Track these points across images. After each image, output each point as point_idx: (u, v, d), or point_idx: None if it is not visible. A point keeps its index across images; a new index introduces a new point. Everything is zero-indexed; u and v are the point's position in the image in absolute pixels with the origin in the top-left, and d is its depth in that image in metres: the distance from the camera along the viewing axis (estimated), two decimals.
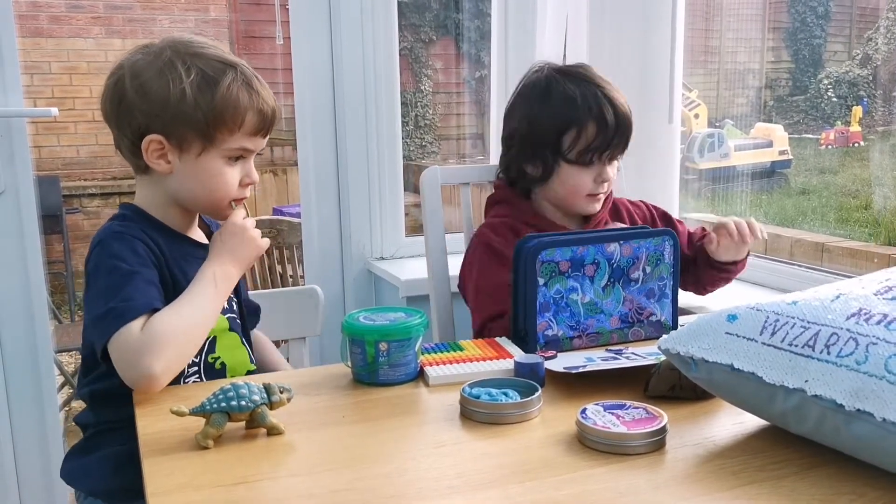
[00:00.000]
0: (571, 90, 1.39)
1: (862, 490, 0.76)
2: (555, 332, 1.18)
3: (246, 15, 5.57)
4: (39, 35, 5.19)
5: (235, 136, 1.12)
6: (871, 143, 3.13)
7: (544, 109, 1.41)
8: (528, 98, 1.44)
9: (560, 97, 1.39)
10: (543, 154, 1.42)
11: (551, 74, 1.43)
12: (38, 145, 5.13)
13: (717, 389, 0.91)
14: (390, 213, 2.14)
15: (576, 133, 1.38)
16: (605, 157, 1.41)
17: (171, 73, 1.09)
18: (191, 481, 0.80)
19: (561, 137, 1.39)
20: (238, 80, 1.11)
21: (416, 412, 1.00)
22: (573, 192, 1.43)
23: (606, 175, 1.42)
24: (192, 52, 1.11)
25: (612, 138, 1.39)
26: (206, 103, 1.09)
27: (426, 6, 5.23)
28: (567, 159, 1.40)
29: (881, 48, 3.35)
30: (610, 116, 1.37)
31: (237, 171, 1.15)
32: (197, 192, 1.14)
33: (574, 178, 1.41)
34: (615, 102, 1.39)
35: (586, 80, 1.41)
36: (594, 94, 1.39)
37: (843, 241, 2.15)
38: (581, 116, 1.38)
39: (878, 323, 0.79)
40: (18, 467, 1.86)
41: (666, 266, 1.24)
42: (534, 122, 1.42)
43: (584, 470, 0.81)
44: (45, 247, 1.90)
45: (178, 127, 1.10)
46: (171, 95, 1.08)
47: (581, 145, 1.39)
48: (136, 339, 0.99)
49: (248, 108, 1.11)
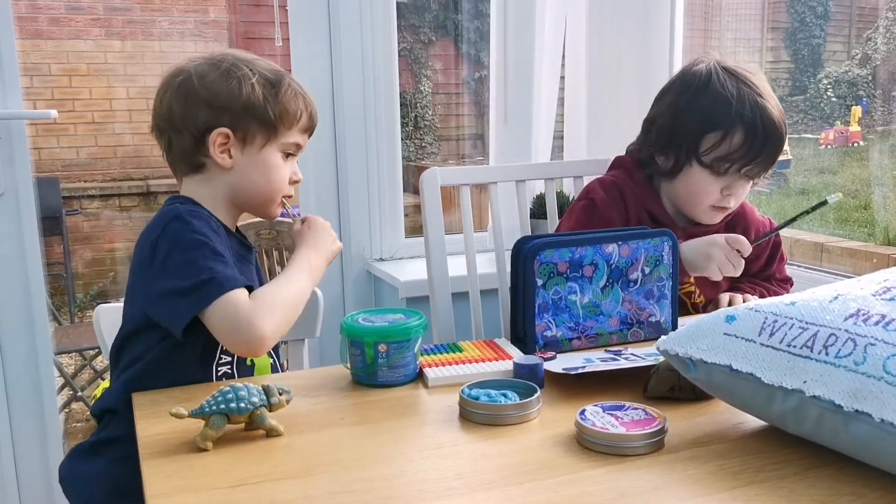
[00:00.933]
0: (729, 90, 1.30)
1: (861, 491, 0.76)
2: (553, 334, 1.18)
3: (245, 16, 5.57)
4: (39, 37, 5.19)
5: (293, 132, 1.21)
6: (870, 143, 3.13)
7: (694, 103, 1.33)
8: (682, 87, 1.36)
9: (714, 95, 1.31)
10: (678, 148, 1.35)
11: (715, 69, 1.34)
12: (38, 147, 5.12)
13: (716, 390, 0.91)
14: (390, 215, 2.15)
15: (720, 136, 1.31)
16: (744, 171, 1.33)
17: (239, 73, 1.18)
18: (190, 483, 0.80)
19: (703, 137, 1.32)
20: (294, 84, 1.22)
21: (416, 413, 1.00)
22: (695, 196, 1.36)
23: (737, 190, 1.34)
24: (247, 59, 1.21)
25: (757, 152, 1.30)
26: (273, 99, 1.18)
27: (425, 7, 5.23)
28: (701, 161, 1.33)
29: (880, 48, 3.35)
30: (762, 127, 1.29)
31: (288, 168, 1.23)
32: (259, 184, 1.20)
33: (701, 183, 1.34)
34: (771, 113, 1.30)
35: (748, 85, 1.31)
36: (753, 100, 1.30)
37: (843, 241, 2.15)
38: (730, 120, 1.30)
39: (877, 324, 0.80)
40: (18, 469, 1.86)
41: (665, 267, 1.23)
42: (679, 113, 1.35)
43: (583, 471, 0.81)
44: (44, 248, 1.91)
45: (246, 120, 1.17)
46: (241, 91, 1.17)
47: (721, 151, 1.31)
48: (246, 304, 1.05)
49: (304, 106, 1.22)
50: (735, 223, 1.46)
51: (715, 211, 1.38)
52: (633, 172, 1.44)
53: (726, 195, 1.36)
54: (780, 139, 1.32)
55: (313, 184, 2.10)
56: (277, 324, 1.07)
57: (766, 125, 1.30)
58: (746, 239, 1.34)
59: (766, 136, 1.30)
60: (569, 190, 1.97)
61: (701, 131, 1.33)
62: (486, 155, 2.62)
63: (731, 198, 1.36)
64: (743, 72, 1.34)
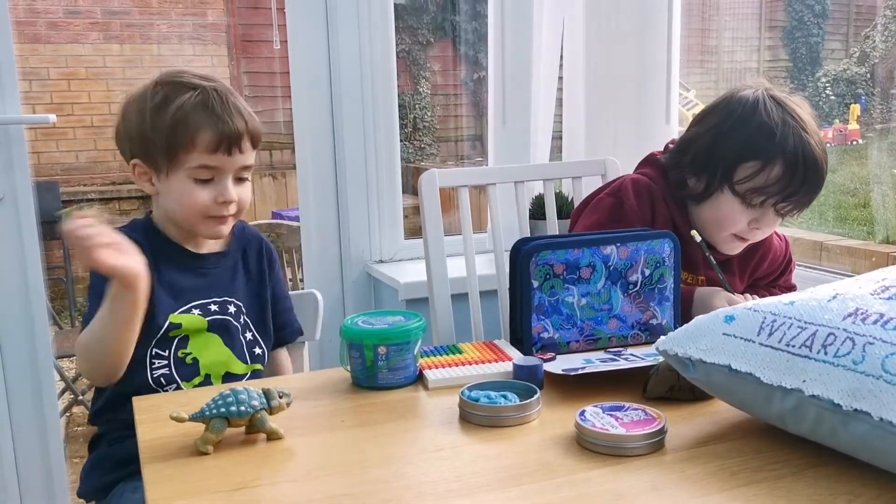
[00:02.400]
0: (774, 121, 1.26)
1: (860, 490, 0.76)
2: (550, 335, 1.18)
3: (243, 19, 5.57)
4: (37, 41, 5.19)
5: (193, 155, 1.15)
6: (869, 141, 3.13)
7: (737, 130, 1.29)
8: (726, 112, 1.31)
9: (758, 123, 1.27)
10: (713, 174, 1.31)
11: (763, 97, 1.30)
12: (37, 151, 5.13)
13: (716, 390, 0.91)
14: (389, 216, 2.14)
15: (759, 167, 1.27)
16: (777, 206, 1.29)
17: (141, 99, 1.16)
18: (191, 487, 0.80)
19: (740, 164, 1.28)
20: (193, 100, 1.14)
21: (415, 416, 1.00)
22: (720, 224, 1.32)
23: (765, 225, 1.31)
24: (168, 79, 1.17)
25: (795, 189, 1.26)
26: (160, 123, 1.14)
27: (423, 8, 5.23)
28: (734, 190, 1.29)
29: (879, 46, 3.36)
30: (803, 165, 1.24)
31: (209, 191, 1.17)
32: (175, 211, 1.19)
33: (729, 212, 1.30)
34: (814, 150, 1.25)
35: (795, 117, 1.27)
36: (798, 134, 1.25)
37: (842, 240, 2.16)
38: (771, 152, 1.25)
39: (875, 323, 0.80)
40: (20, 473, 1.86)
41: (667, 269, 1.22)
42: (720, 137, 1.30)
43: (583, 472, 0.81)
44: (44, 252, 1.90)
45: (147, 149, 1.17)
46: (137, 119, 1.16)
47: (758, 182, 1.27)
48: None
49: (200, 125, 1.14)
50: (754, 248, 1.42)
51: (737, 241, 1.35)
52: (661, 182, 1.40)
53: (753, 228, 1.32)
54: (821, 178, 1.28)
55: (312, 186, 2.10)
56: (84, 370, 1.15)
57: (807, 162, 1.25)
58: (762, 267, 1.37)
59: (807, 173, 1.26)
60: (568, 190, 1.97)
61: (739, 159, 1.28)
62: (484, 156, 2.62)
63: (757, 231, 1.33)
64: (791, 104, 1.30)
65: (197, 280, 1.23)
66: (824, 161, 1.28)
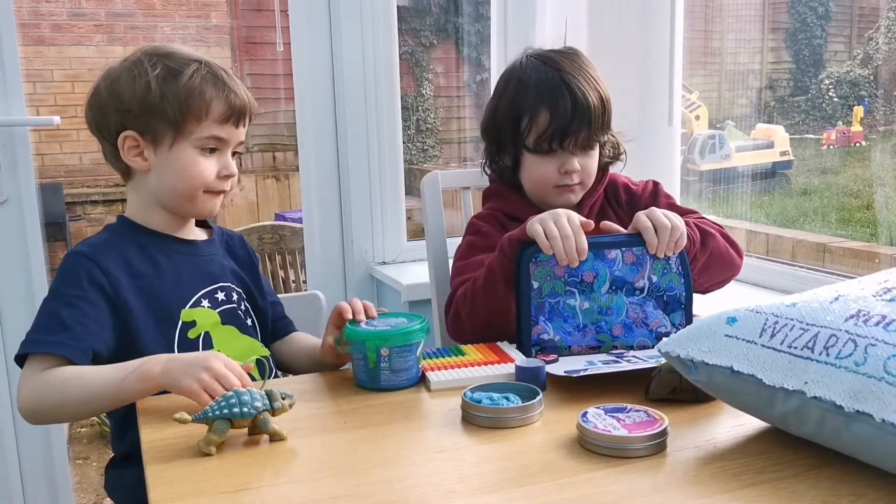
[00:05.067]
0: (528, 76, 1.34)
1: (862, 491, 0.76)
2: (551, 337, 1.17)
3: (247, 21, 5.58)
4: (41, 43, 5.20)
5: (204, 125, 1.14)
6: (872, 143, 3.12)
7: (503, 97, 1.37)
8: (497, 86, 1.40)
9: (516, 84, 1.35)
10: (506, 144, 1.38)
11: (521, 60, 1.38)
12: (41, 153, 5.14)
13: (718, 392, 0.91)
14: (392, 218, 2.15)
15: (528, 119, 1.33)
16: (568, 146, 1.33)
17: (139, 69, 1.14)
18: (194, 488, 0.80)
19: (517, 124, 1.35)
20: (202, 70, 1.15)
21: (418, 417, 1.00)
22: (539, 182, 1.37)
23: (572, 165, 1.34)
24: (160, 52, 1.16)
25: (568, 125, 1.31)
26: (171, 93, 1.13)
27: (426, 10, 5.23)
28: (527, 147, 1.35)
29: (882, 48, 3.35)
30: (564, 103, 1.30)
31: (213, 163, 1.17)
32: (174, 185, 1.16)
33: (536, 168, 1.36)
34: (572, 88, 1.31)
35: (552, 65, 1.34)
36: (552, 78, 1.32)
37: (845, 242, 2.15)
38: (532, 103, 1.32)
39: (877, 324, 0.80)
40: (23, 474, 1.86)
41: (675, 276, 1.20)
42: (496, 110, 1.39)
43: (585, 473, 0.81)
44: (48, 254, 1.91)
45: (149, 120, 1.14)
46: (137, 90, 1.13)
47: (535, 132, 1.33)
48: (33, 373, 1.06)
49: (214, 96, 1.14)
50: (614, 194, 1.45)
51: (564, 190, 1.37)
52: (503, 193, 1.44)
53: (564, 172, 1.35)
54: (586, 107, 1.31)
55: (315, 188, 2.11)
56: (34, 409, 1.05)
57: (566, 97, 1.30)
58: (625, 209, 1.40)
59: (573, 107, 1.30)
60: None
61: (514, 120, 1.35)
62: None
63: (571, 174, 1.35)
64: (551, 55, 1.37)
65: (194, 266, 1.21)
66: (589, 92, 1.32)
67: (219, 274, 1.24)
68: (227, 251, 1.29)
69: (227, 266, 1.27)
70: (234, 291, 1.25)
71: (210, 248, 1.26)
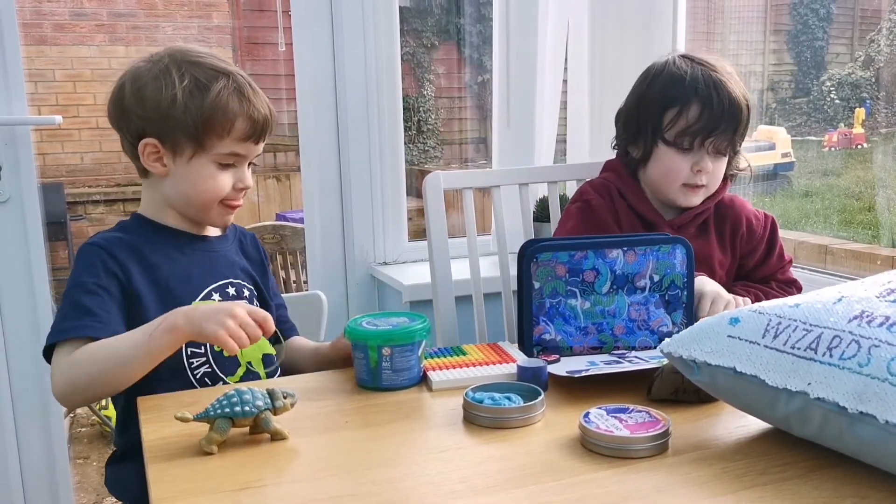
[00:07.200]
0: (682, 70, 1.36)
1: (865, 492, 0.76)
2: (552, 337, 1.17)
3: (249, 22, 5.58)
4: (43, 43, 5.21)
5: (225, 142, 1.15)
6: (874, 145, 3.12)
7: (652, 86, 1.39)
8: (643, 77, 1.43)
9: (669, 75, 1.37)
10: (645, 133, 1.40)
11: (672, 57, 1.41)
12: (43, 152, 5.14)
13: (720, 393, 0.91)
14: (393, 218, 2.15)
15: (677, 111, 1.35)
16: (708, 145, 1.36)
17: (166, 79, 1.13)
18: (195, 487, 0.80)
19: (663, 114, 1.37)
20: (229, 87, 1.15)
21: (420, 417, 1.00)
22: (666, 177, 1.39)
23: (705, 165, 1.36)
24: (189, 59, 1.16)
25: (716, 123, 1.34)
26: (196, 108, 1.13)
27: (428, 11, 5.23)
28: (665, 140, 1.37)
29: (883, 50, 3.35)
30: (717, 99, 1.33)
31: (229, 176, 1.18)
32: (190, 195, 1.18)
33: (670, 162, 1.37)
34: (727, 87, 1.34)
35: (703, 63, 1.37)
36: (706, 75, 1.35)
37: (847, 244, 2.15)
38: (685, 94, 1.34)
39: (881, 325, 0.79)
40: (24, 473, 1.86)
41: (678, 276, 1.20)
42: (641, 99, 1.41)
43: (587, 474, 0.81)
44: (49, 254, 1.91)
45: (171, 131, 1.14)
46: (163, 100, 1.13)
47: (681, 125, 1.35)
48: (62, 356, 1.06)
49: (238, 114, 1.15)
50: (725, 214, 1.46)
51: (689, 190, 1.39)
52: (622, 173, 1.46)
53: (696, 171, 1.37)
54: (738, 110, 1.35)
55: (317, 188, 2.11)
56: (71, 388, 1.05)
57: (720, 96, 1.33)
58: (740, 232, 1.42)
59: (723, 106, 1.33)
60: (572, 193, 1.97)
61: (661, 109, 1.37)
62: (489, 158, 2.62)
63: (702, 174, 1.38)
64: (702, 57, 1.39)
65: (206, 260, 1.22)
66: (742, 96, 1.36)
67: (230, 270, 1.24)
68: (239, 248, 1.30)
69: (238, 263, 1.27)
70: (244, 288, 1.25)
71: (223, 244, 1.27)
